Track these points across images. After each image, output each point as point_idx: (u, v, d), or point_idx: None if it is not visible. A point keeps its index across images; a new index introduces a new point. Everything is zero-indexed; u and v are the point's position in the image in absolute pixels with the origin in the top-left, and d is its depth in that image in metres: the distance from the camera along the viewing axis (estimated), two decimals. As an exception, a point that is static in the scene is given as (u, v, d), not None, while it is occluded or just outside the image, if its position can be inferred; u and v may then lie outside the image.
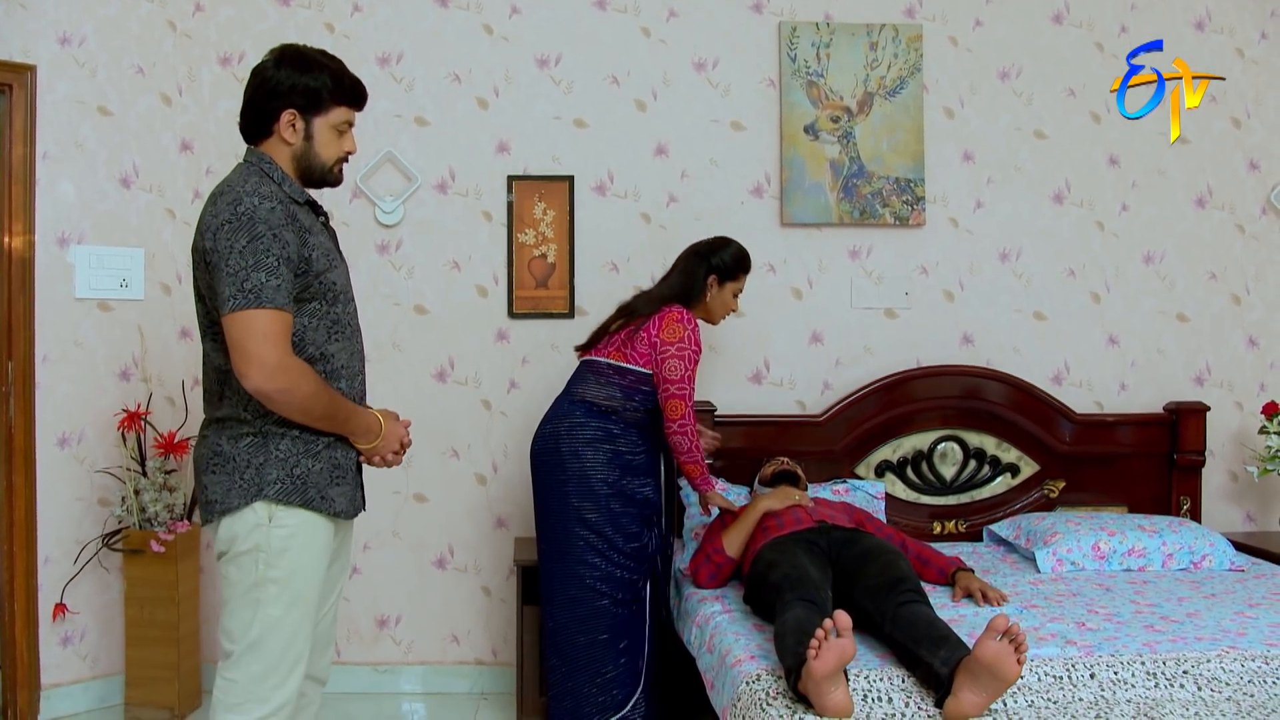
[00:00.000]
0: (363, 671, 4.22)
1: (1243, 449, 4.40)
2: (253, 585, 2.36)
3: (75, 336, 3.97)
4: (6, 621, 3.87)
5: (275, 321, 2.27)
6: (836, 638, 2.41)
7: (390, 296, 4.25)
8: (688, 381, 3.46)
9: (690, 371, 3.46)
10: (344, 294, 2.50)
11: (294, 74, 2.43)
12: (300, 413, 2.34)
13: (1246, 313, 4.44)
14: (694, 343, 3.49)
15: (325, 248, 2.44)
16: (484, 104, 4.26)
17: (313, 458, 2.40)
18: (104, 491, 4.02)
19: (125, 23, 4.07)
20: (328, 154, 2.49)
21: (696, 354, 3.49)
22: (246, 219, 2.28)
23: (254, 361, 2.25)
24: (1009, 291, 4.38)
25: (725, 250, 3.69)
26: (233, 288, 2.25)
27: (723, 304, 3.69)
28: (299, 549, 2.38)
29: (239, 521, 2.36)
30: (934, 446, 4.26)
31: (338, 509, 2.44)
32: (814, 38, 4.28)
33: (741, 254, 3.71)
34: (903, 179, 4.30)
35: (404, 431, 2.59)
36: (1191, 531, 3.86)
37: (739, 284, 3.71)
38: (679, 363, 3.45)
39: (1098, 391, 4.39)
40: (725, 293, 3.68)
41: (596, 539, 3.45)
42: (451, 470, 4.27)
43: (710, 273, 3.66)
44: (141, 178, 4.11)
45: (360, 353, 2.56)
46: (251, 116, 2.48)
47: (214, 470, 2.39)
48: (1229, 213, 4.42)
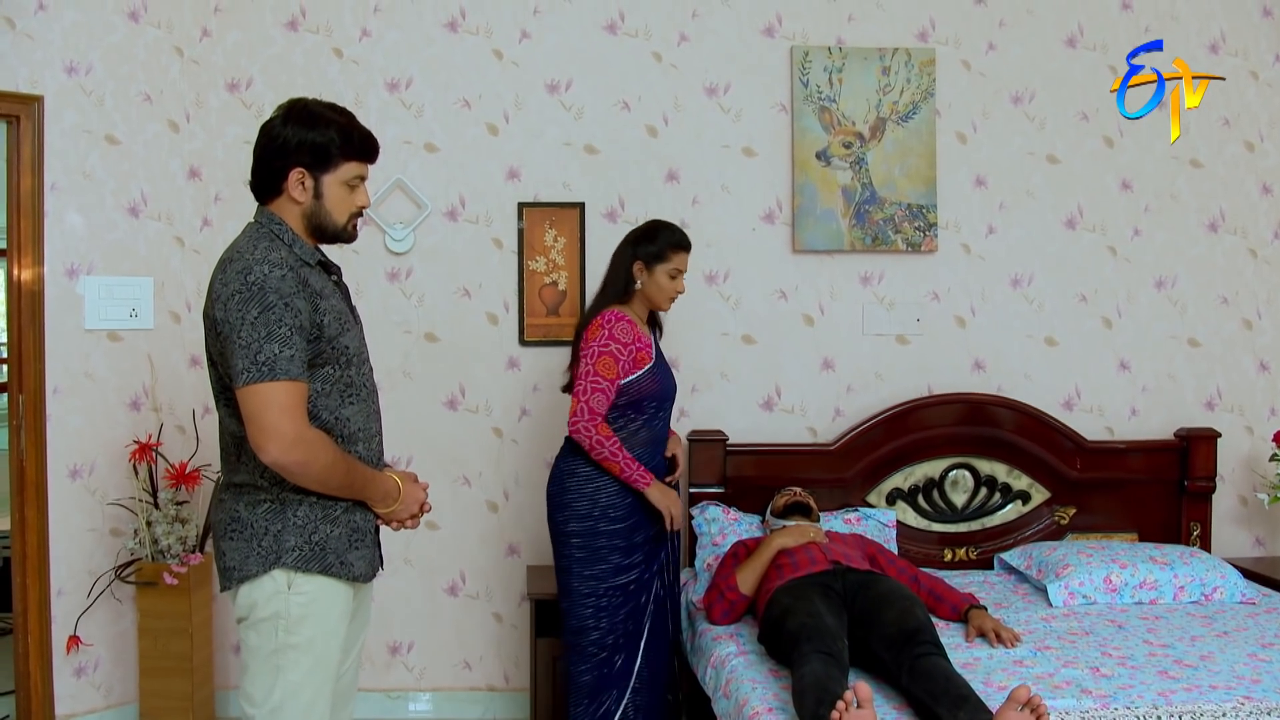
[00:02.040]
0: (375, 698, 4.23)
1: (1253, 474, 4.41)
2: (273, 651, 2.36)
3: (85, 368, 3.96)
4: (20, 653, 3.88)
5: (290, 393, 2.25)
6: (858, 709, 2.41)
7: (401, 324, 4.23)
8: (586, 378, 3.35)
9: (592, 367, 3.35)
10: (357, 356, 2.47)
11: (301, 130, 2.38)
12: (318, 484, 2.33)
13: (1258, 337, 4.43)
14: (607, 338, 3.37)
15: (337, 311, 2.41)
16: (494, 130, 4.24)
17: (331, 523, 2.39)
18: (116, 522, 4.02)
19: (132, 49, 4.03)
20: (339, 212, 2.45)
21: (605, 350, 3.36)
22: (257, 289, 2.25)
23: (271, 435, 2.23)
24: (1020, 317, 4.37)
25: (645, 233, 3.55)
26: (246, 360, 2.23)
27: (659, 288, 3.51)
28: (319, 615, 2.38)
29: (257, 589, 2.35)
30: (945, 474, 4.26)
31: (356, 573, 2.44)
32: (826, 62, 4.25)
33: (658, 230, 3.54)
34: (915, 205, 4.28)
35: (423, 494, 2.59)
36: (1203, 563, 3.87)
37: (671, 264, 3.50)
38: (585, 362, 3.37)
39: (1109, 417, 4.39)
40: (659, 275, 3.49)
41: (587, 575, 3.43)
42: (463, 498, 4.27)
43: (635, 260, 3.51)
44: (150, 206, 4.09)
45: (376, 413, 2.55)
46: (260, 176, 2.44)
47: (232, 536, 2.38)
48: (1241, 237, 4.41)
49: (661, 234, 3.53)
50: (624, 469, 3.37)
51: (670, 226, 3.57)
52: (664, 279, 3.51)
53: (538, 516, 4.25)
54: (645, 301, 3.55)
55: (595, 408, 3.35)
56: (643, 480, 3.39)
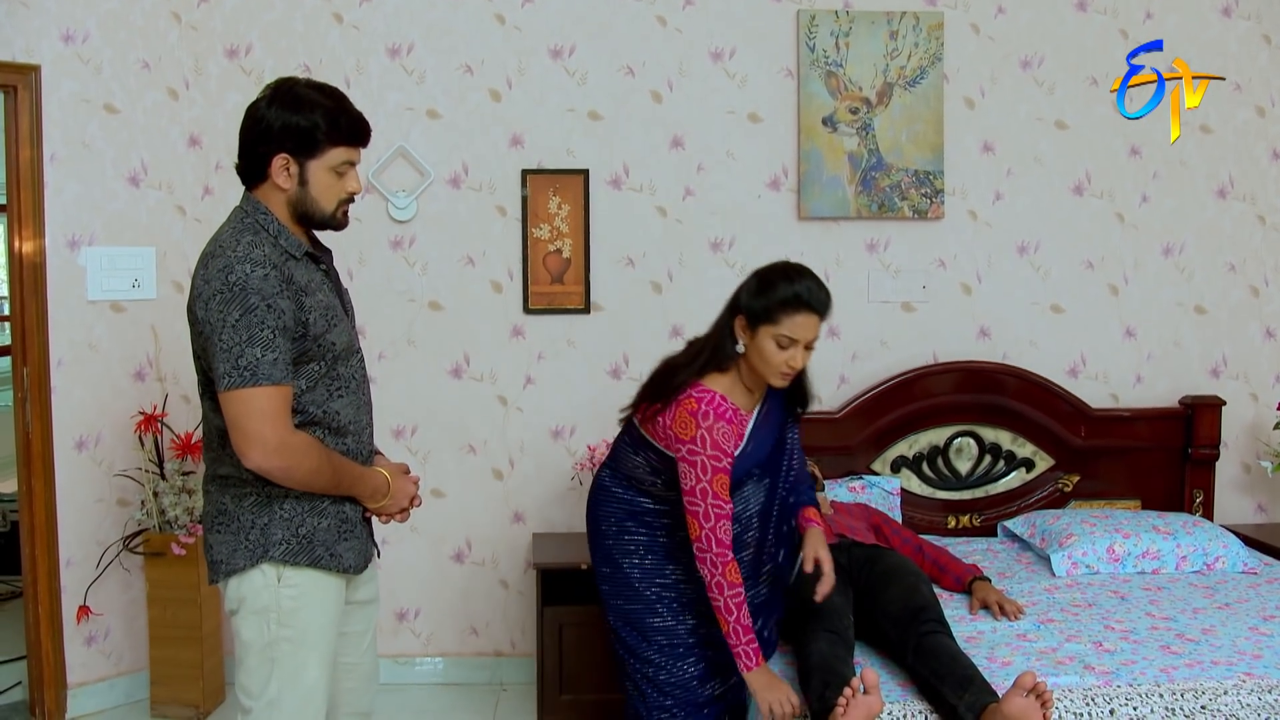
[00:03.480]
0: (384, 663, 4.26)
1: (1256, 441, 4.42)
2: (267, 644, 2.34)
3: (89, 339, 3.95)
4: (31, 622, 3.91)
5: (273, 398, 2.21)
6: (864, 694, 2.44)
7: (405, 293, 4.22)
8: (702, 497, 2.65)
9: (706, 482, 2.65)
10: (345, 349, 2.40)
11: (285, 114, 2.27)
12: (303, 486, 2.29)
13: (1265, 304, 4.42)
14: (710, 444, 2.65)
15: (324, 306, 2.34)
16: (497, 96, 4.19)
17: (319, 515, 2.35)
18: (123, 493, 4.03)
19: (129, 16, 3.97)
20: (326, 199, 2.34)
21: (716, 459, 2.65)
22: (239, 290, 2.18)
23: (253, 442, 2.20)
24: (1026, 284, 4.35)
25: (755, 280, 2.74)
26: (227, 364, 2.18)
27: (763, 358, 2.68)
28: (310, 607, 2.36)
29: (246, 582, 2.33)
30: (950, 442, 4.27)
31: (346, 565, 2.40)
32: (833, 26, 4.19)
33: (774, 279, 2.68)
34: (922, 171, 4.24)
35: (413, 488, 2.54)
36: (1205, 532, 3.89)
37: (780, 328, 2.65)
38: (689, 470, 2.68)
39: (1114, 384, 4.39)
40: (763, 341, 2.67)
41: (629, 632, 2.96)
42: (468, 466, 4.29)
43: (736, 314, 2.75)
44: (150, 175, 4.05)
45: (367, 404, 2.49)
46: (245, 160, 2.34)
47: (219, 530, 2.35)
48: (1250, 203, 4.38)
49: (776, 285, 2.68)
50: (731, 633, 2.69)
51: (793, 274, 2.69)
52: (771, 347, 2.67)
53: (543, 483, 4.29)
54: (749, 374, 2.77)
55: (722, 536, 2.67)
56: (748, 659, 2.68)
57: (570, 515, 4.22)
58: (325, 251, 2.48)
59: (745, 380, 2.78)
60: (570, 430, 4.28)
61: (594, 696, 3.82)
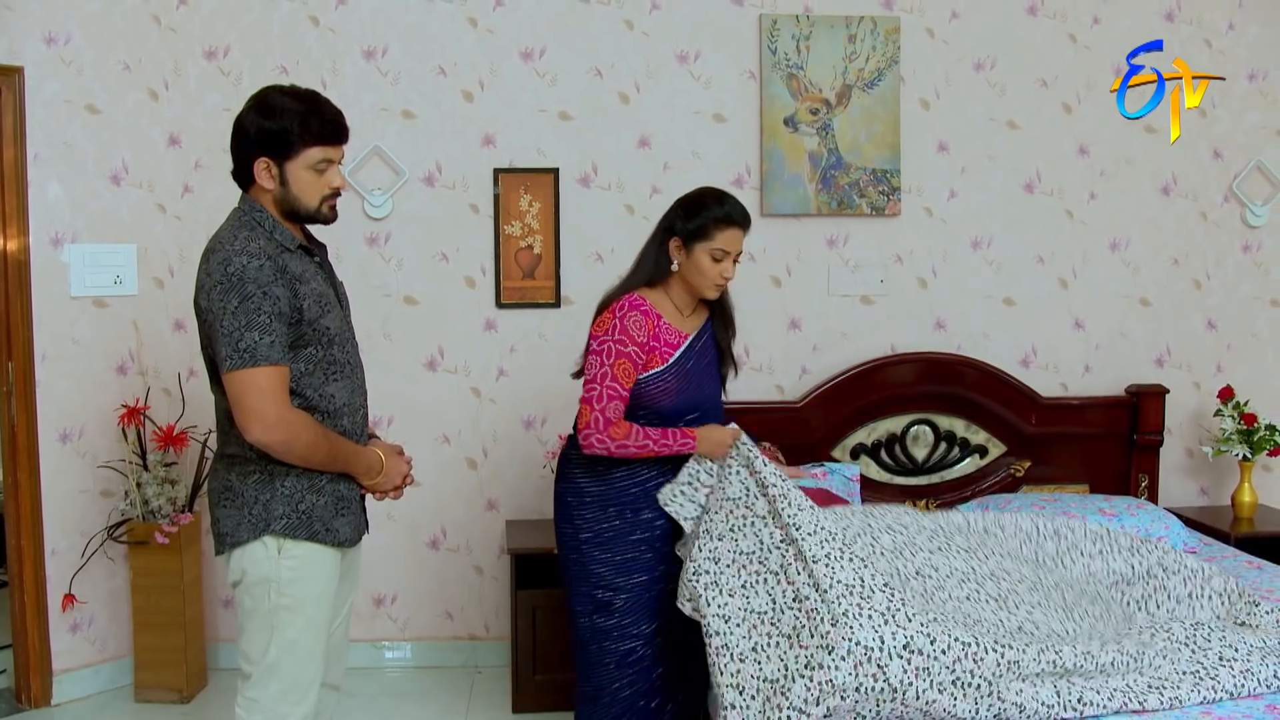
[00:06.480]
0: (361, 648, 4.40)
1: (1199, 428, 4.62)
2: (267, 612, 2.53)
3: (72, 334, 4.05)
4: (17, 611, 4.02)
5: (271, 377, 2.39)
6: None
7: (380, 288, 4.34)
8: (600, 381, 2.87)
9: (609, 366, 2.87)
10: (340, 335, 2.59)
11: (259, 120, 2.47)
12: (301, 460, 2.48)
13: (1207, 297, 4.62)
14: (619, 330, 2.88)
15: (318, 294, 2.52)
16: (469, 97, 4.32)
17: (317, 493, 2.54)
18: (107, 484, 4.14)
19: (110, 18, 4.07)
20: (309, 196, 2.52)
21: (622, 343, 2.88)
22: (237, 279, 2.38)
23: (254, 417, 2.38)
24: (980, 278, 4.53)
25: (688, 203, 2.99)
26: (229, 348, 2.37)
27: (699, 270, 2.95)
28: (308, 578, 2.55)
29: (248, 554, 2.51)
30: (907, 429, 4.45)
31: (342, 538, 2.60)
32: (794, 30, 4.35)
33: (704, 201, 2.96)
34: (879, 170, 4.41)
35: (406, 467, 2.74)
36: (1149, 514, 4.07)
37: (714, 242, 2.93)
38: (594, 359, 2.91)
39: (1064, 373, 4.58)
40: (698, 256, 2.94)
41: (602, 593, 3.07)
42: (443, 456, 4.42)
43: (671, 236, 2.99)
44: (131, 174, 4.16)
45: (361, 388, 2.70)
46: (235, 165, 2.55)
47: (225, 505, 2.54)
48: (1192, 200, 4.58)
49: (708, 206, 2.96)
50: (660, 448, 2.91)
51: (720, 197, 2.99)
52: (706, 260, 2.94)
53: (515, 473, 4.43)
54: (684, 288, 3.04)
55: (611, 416, 2.88)
56: (685, 441, 2.93)
57: (542, 502, 4.36)
58: (319, 246, 2.67)
59: (675, 299, 3.05)
60: (542, 420, 4.42)
61: (567, 676, 3.92)
